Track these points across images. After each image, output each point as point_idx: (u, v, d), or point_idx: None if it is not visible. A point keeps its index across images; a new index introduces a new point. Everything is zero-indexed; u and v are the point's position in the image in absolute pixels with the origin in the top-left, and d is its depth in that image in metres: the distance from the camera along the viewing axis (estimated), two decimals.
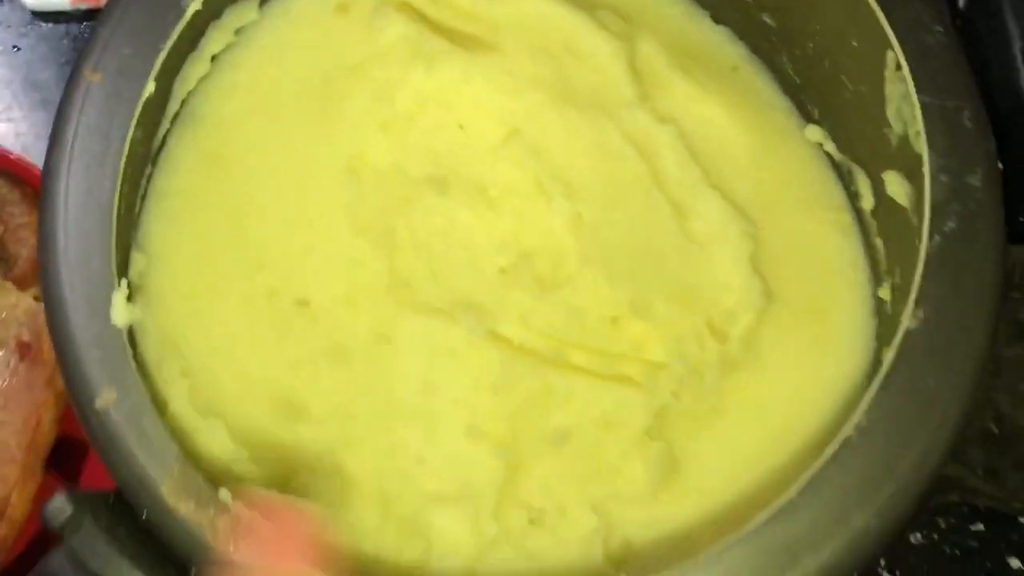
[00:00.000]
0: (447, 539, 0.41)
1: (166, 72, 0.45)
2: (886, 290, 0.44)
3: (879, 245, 0.46)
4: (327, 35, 0.50)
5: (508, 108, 0.48)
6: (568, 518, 0.42)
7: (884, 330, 0.44)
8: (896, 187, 0.43)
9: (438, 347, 0.44)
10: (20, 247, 0.50)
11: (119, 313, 0.40)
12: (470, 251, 0.46)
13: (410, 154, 0.47)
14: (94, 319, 0.40)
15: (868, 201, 0.46)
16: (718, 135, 0.48)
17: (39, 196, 0.42)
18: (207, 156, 0.47)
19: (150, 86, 0.44)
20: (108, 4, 0.44)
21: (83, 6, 0.62)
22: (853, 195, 0.48)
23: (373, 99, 0.48)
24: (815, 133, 0.49)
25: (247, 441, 0.42)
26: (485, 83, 0.48)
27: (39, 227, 0.42)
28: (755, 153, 0.48)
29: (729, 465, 0.43)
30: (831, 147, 0.48)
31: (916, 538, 0.52)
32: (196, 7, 0.45)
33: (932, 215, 0.40)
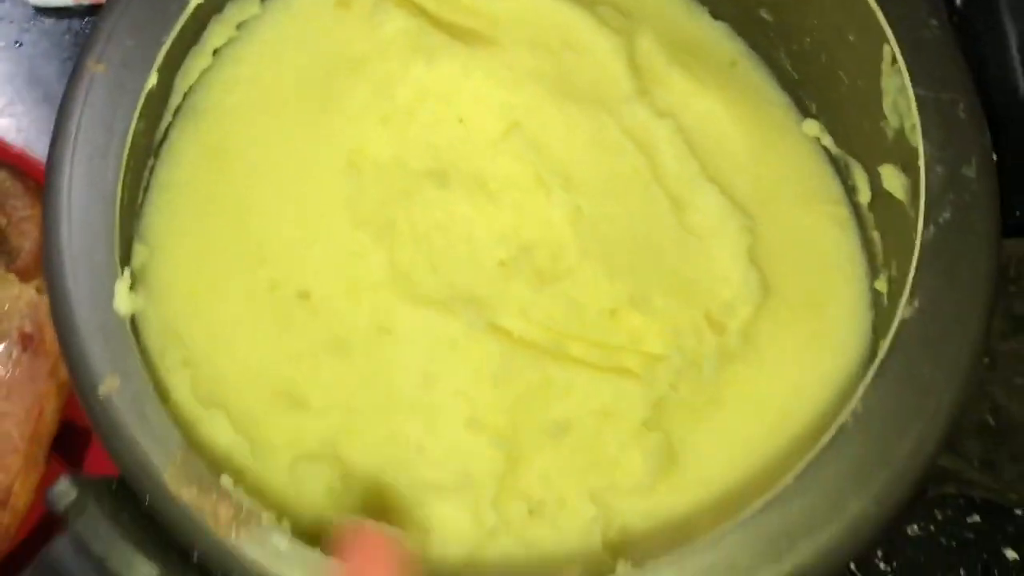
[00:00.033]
0: (447, 529, 0.41)
1: (168, 65, 0.45)
2: (883, 283, 0.44)
3: (876, 238, 0.46)
4: (328, 29, 0.50)
5: (508, 102, 0.48)
6: (567, 508, 0.42)
7: (881, 322, 0.44)
8: (892, 180, 0.43)
9: (438, 339, 0.44)
10: (23, 240, 0.51)
11: (122, 302, 0.41)
12: (470, 244, 0.46)
13: (410, 147, 0.48)
14: (97, 308, 0.40)
15: (865, 195, 0.46)
16: (716, 130, 0.49)
17: (41, 189, 0.43)
18: (209, 149, 0.47)
19: (153, 78, 0.44)
20: None
21: (85, 2, 0.62)
22: (850, 189, 0.48)
23: (373, 93, 0.48)
24: (812, 127, 0.49)
25: (248, 431, 0.42)
26: (485, 77, 0.48)
27: (43, 218, 0.42)
28: (753, 148, 0.49)
29: (727, 456, 0.43)
30: (828, 141, 0.49)
31: (913, 529, 0.52)
32: (198, 1, 0.45)
33: (927, 206, 0.40)
